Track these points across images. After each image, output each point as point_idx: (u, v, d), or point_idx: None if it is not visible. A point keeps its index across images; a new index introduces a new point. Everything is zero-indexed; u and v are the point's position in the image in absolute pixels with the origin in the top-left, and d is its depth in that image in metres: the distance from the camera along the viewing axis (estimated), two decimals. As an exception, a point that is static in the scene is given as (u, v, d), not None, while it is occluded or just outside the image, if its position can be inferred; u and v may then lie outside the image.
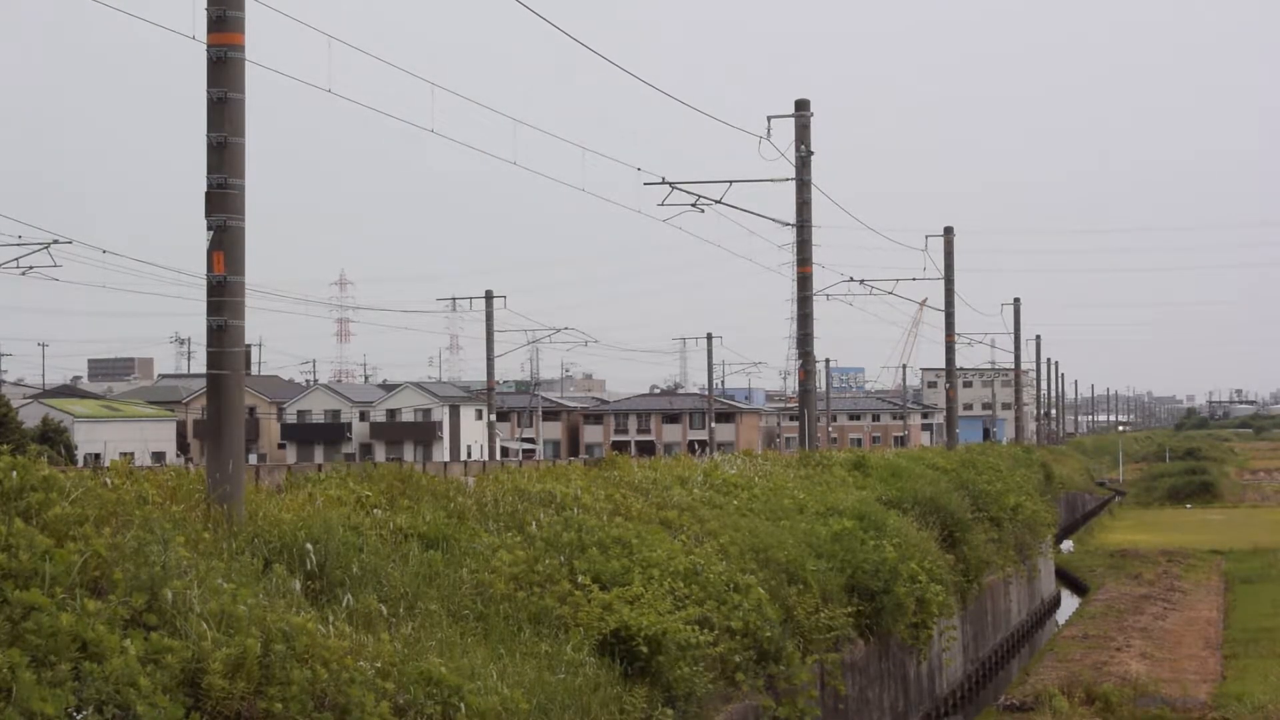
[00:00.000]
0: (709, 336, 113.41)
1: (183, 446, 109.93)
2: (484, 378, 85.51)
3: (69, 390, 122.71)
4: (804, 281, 39.93)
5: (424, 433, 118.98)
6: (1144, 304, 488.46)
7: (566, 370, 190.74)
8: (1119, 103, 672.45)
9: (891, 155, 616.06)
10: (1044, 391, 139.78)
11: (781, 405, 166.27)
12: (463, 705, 11.79)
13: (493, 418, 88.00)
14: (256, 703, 10.18)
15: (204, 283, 15.04)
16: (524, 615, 15.32)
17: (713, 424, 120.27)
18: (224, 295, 14.95)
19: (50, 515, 10.72)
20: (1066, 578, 60.13)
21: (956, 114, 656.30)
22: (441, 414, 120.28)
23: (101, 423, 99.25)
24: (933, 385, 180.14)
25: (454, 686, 11.88)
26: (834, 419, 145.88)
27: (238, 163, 15.05)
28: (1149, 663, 35.99)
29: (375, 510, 16.61)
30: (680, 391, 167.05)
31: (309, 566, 13.27)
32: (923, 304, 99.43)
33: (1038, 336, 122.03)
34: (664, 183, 39.26)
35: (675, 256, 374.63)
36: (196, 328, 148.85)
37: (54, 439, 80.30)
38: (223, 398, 15.06)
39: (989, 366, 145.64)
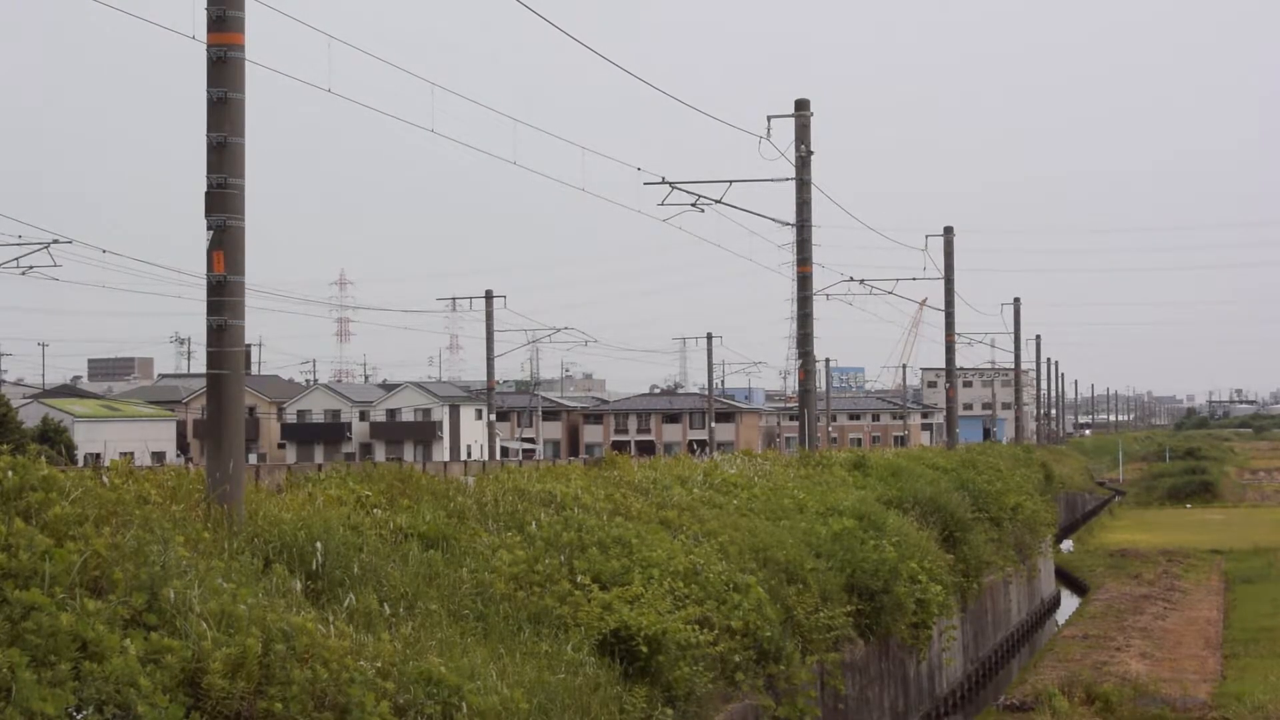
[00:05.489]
0: (709, 336, 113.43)
1: (183, 446, 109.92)
2: (484, 378, 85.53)
3: (69, 390, 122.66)
4: (804, 281, 39.93)
5: (424, 433, 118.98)
6: (1144, 304, 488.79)
7: (566, 370, 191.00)
8: (1118, 102, 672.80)
9: (891, 155, 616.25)
10: (1044, 391, 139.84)
11: (781, 405, 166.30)
12: (463, 705, 11.79)
13: (493, 418, 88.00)
14: (256, 702, 10.18)
15: (204, 283, 15.04)
16: (524, 615, 15.32)
17: (713, 424, 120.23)
18: (224, 295, 14.95)
19: (50, 515, 10.72)
20: (1066, 578, 60.12)
21: (956, 114, 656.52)
22: (441, 414, 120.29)
23: (101, 423, 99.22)
24: (933, 385, 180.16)
25: (454, 686, 11.88)
26: (834, 419, 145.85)
27: (238, 163, 15.05)
28: (1149, 662, 35.99)
29: (375, 510, 16.61)
30: (680, 391, 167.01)
31: (313, 566, 13.28)
32: (923, 304, 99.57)
33: (1038, 336, 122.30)
34: (664, 183, 39.29)
35: (675, 256, 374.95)
36: (196, 328, 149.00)
37: (54, 439, 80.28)
38: (223, 398, 15.06)
39: (989, 366, 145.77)
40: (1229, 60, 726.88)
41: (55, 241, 51.64)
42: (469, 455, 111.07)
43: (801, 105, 38.99)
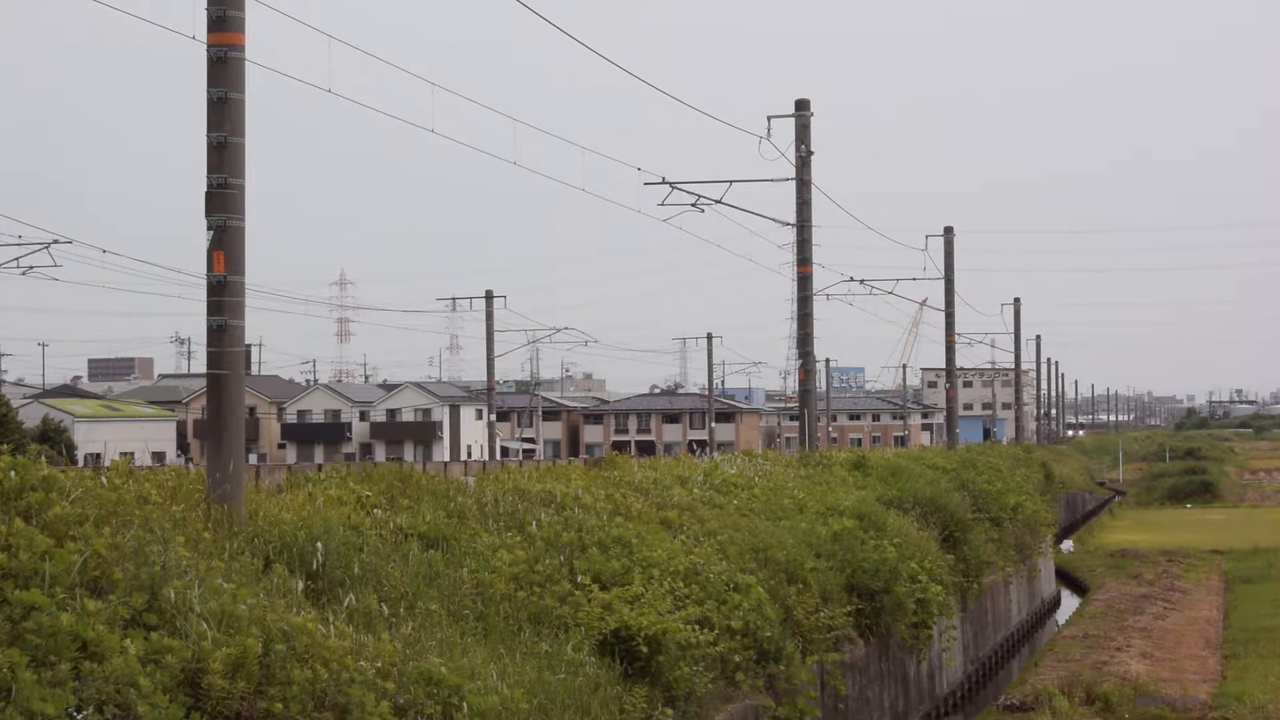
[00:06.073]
0: (709, 336, 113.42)
1: (183, 446, 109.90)
2: (484, 378, 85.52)
3: (69, 390, 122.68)
4: (804, 281, 39.93)
5: (424, 433, 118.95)
6: (1144, 304, 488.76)
7: (566, 370, 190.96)
8: (1118, 102, 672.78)
9: (891, 155, 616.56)
10: (1044, 391, 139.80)
11: (781, 405, 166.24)
12: (463, 705, 11.79)
13: (493, 418, 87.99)
14: (257, 703, 10.18)
15: (204, 283, 15.03)
16: (524, 615, 15.32)
17: (713, 424, 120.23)
18: (224, 295, 14.95)
19: (50, 515, 10.72)
20: (1066, 578, 60.12)
21: (957, 114, 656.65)
22: (441, 414, 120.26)
23: (102, 423, 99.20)
24: (933, 385, 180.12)
25: (454, 686, 11.88)
26: (834, 419, 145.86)
27: (238, 163, 15.05)
28: (1149, 662, 35.99)
29: (375, 510, 16.61)
30: (680, 391, 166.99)
31: (313, 566, 13.27)
32: (923, 304, 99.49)
33: (1038, 336, 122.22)
34: (664, 183, 39.28)
35: (675, 256, 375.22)
36: (196, 328, 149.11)
37: (54, 439, 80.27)
38: (223, 398, 15.06)
39: (989, 366, 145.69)
40: (1229, 60, 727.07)
41: (55, 241, 51.61)
42: (469, 455, 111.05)
43: (801, 105, 39.00)
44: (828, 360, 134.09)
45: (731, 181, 39.46)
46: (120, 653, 9.39)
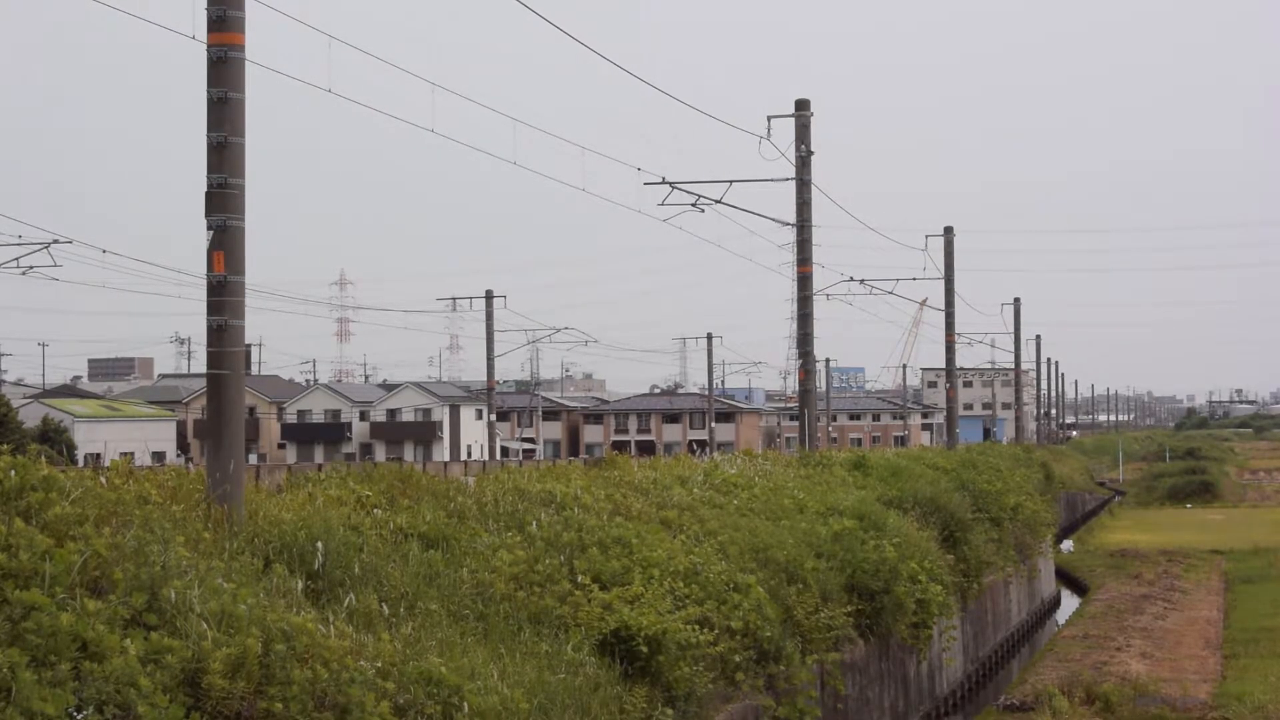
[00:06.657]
0: (709, 336, 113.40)
1: (183, 446, 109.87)
2: (484, 378, 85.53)
3: (69, 390, 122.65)
4: (804, 281, 39.94)
5: (424, 433, 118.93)
6: (1144, 304, 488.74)
7: (566, 370, 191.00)
8: (1119, 102, 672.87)
9: (891, 155, 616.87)
10: (1044, 391, 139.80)
11: (781, 405, 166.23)
12: (463, 705, 11.79)
13: (493, 418, 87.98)
14: (257, 702, 10.18)
15: (204, 283, 15.04)
16: (524, 615, 15.32)
17: (713, 424, 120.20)
18: (224, 295, 14.95)
19: (50, 515, 10.72)
20: (1066, 578, 60.11)
21: (957, 114, 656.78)
22: (441, 414, 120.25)
23: (102, 423, 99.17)
24: (933, 385, 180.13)
25: (454, 686, 11.88)
26: (834, 419, 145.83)
27: (238, 163, 15.05)
28: (1149, 662, 35.98)
29: (375, 510, 16.61)
30: (680, 391, 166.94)
31: (313, 566, 13.27)
32: (923, 304, 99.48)
33: (1038, 336, 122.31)
34: (664, 182, 39.28)
35: (675, 256, 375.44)
36: (196, 328, 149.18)
37: (54, 439, 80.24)
38: (223, 398, 15.06)
39: (989, 366, 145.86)
40: (1229, 60, 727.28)
41: (55, 241, 51.60)
42: (469, 455, 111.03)
43: (801, 105, 39.00)
44: (828, 360, 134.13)
45: (731, 181, 39.49)
46: (120, 653, 9.39)
